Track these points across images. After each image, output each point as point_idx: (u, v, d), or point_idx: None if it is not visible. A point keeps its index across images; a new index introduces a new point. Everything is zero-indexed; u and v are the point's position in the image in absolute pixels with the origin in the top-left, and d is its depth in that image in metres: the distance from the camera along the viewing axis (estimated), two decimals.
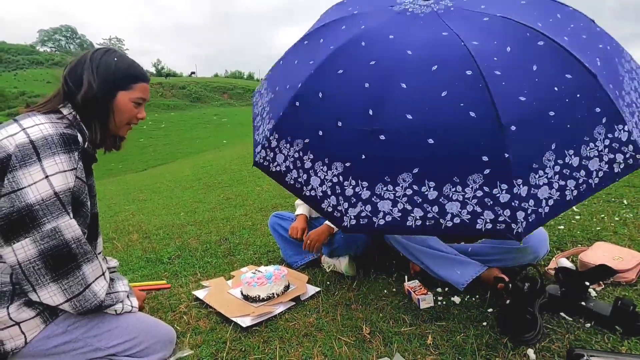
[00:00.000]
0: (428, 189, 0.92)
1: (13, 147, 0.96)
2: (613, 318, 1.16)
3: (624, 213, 2.11)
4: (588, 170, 0.93)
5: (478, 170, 0.90)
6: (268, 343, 1.32)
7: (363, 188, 0.98)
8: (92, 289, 1.04)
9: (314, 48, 1.21)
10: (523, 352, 1.12)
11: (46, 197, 0.95)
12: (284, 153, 1.15)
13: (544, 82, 0.95)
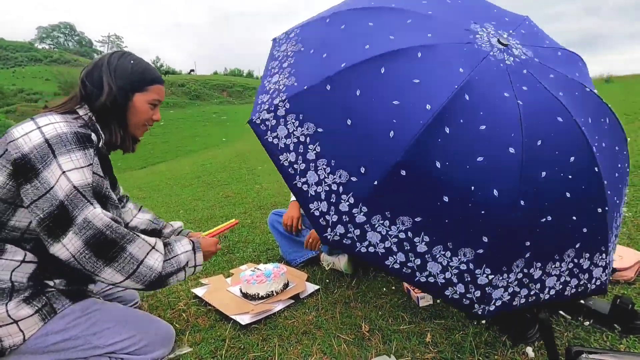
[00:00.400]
0: (420, 241, 0.90)
1: (28, 147, 0.97)
2: (612, 316, 1.16)
3: (622, 212, 2.11)
4: (543, 285, 0.95)
5: (472, 247, 0.89)
6: (267, 341, 1.32)
7: (360, 212, 0.91)
8: (146, 264, 1.04)
9: (372, 28, 1.02)
10: (522, 350, 1.12)
11: (69, 192, 0.97)
12: (288, 128, 1.01)
13: (562, 186, 0.92)
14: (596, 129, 0.99)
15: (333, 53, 1.02)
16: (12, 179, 0.99)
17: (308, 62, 1.06)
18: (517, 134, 0.88)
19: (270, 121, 1.03)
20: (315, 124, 0.98)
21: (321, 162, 0.96)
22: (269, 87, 1.09)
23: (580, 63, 1.17)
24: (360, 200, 0.91)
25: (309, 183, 0.97)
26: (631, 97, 7.16)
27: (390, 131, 0.89)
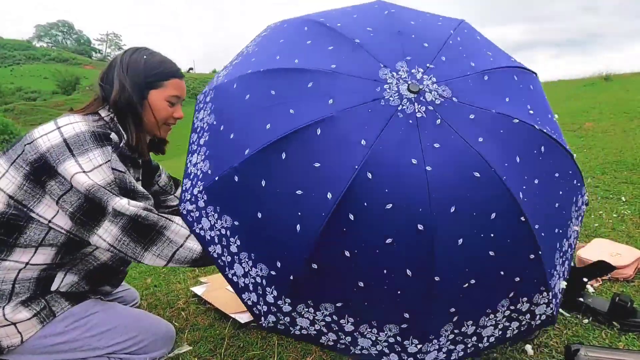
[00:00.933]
0: (346, 322, 0.90)
1: (46, 147, 0.97)
2: (611, 314, 1.17)
3: (621, 210, 2.11)
4: (480, 337, 0.93)
5: (397, 322, 0.89)
6: (266, 339, 1.32)
7: (285, 303, 0.91)
8: (186, 246, 1.01)
9: (273, 98, 0.95)
10: (521, 347, 1.12)
11: (89, 186, 0.95)
12: (210, 220, 0.97)
13: (484, 247, 0.86)
14: (525, 167, 0.91)
15: (238, 134, 0.96)
16: (29, 180, 0.97)
17: (218, 143, 1.00)
18: (425, 208, 0.82)
19: (194, 212, 1.00)
20: (232, 217, 0.94)
21: (243, 255, 0.94)
22: (190, 170, 1.05)
23: (517, 77, 1.03)
24: (282, 292, 0.90)
25: (237, 275, 0.96)
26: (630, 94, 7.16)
27: (297, 225, 0.85)
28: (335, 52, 0.97)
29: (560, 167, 0.98)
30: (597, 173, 2.84)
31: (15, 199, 0.97)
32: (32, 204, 0.98)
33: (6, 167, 0.99)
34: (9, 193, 0.97)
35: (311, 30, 1.05)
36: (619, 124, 4.63)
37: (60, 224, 0.99)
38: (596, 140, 4.04)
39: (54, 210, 0.98)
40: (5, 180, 0.98)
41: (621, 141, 3.76)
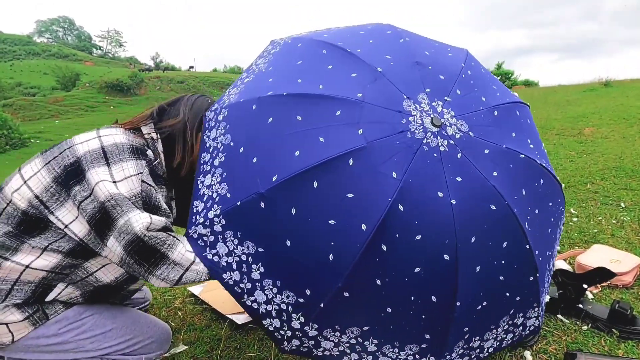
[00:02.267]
0: (370, 343, 0.94)
1: (83, 151, 0.99)
2: (610, 321, 1.16)
3: (621, 216, 2.11)
4: (482, 348, 1.01)
5: (418, 342, 0.94)
6: (263, 341, 1.31)
7: (312, 328, 0.93)
8: (193, 269, 0.97)
9: (300, 124, 0.93)
10: (520, 353, 1.11)
11: (114, 194, 0.94)
12: (228, 246, 0.94)
13: (496, 273, 0.94)
14: (530, 199, 0.98)
15: (263, 159, 0.93)
16: (57, 183, 0.97)
17: (238, 166, 0.97)
18: (451, 240, 0.87)
19: (208, 237, 0.96)
20: (255, 244, 0.92)
21: (267, 282, 0.92)
22: (203, 191, 1.01)
23: (518, 112, 1.09)
24: (310, 319, 0.91)
25: (259, 302, 0.93)
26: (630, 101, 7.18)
27: (330, 254, 0.86)
28: (359, 80, 0.97)
29: (553, 197, 1.07)
30: (597, 179, 2.84)
31: (40, 199, 0.96)
32: (54, 207, 0.97)
33: (40, 167, 1.00)
34: (36, 193, 0.97)
35: (330, 54, 1.04)
36: (618, 130, 4.64)
37: (75, 230, 0.97)
38: (596, 145, 4.04)
39: (73, 216, 0.97)
40: (35, 180, 0.98)
41: (621, 147, 3.76)
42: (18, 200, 0.97)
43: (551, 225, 1.07)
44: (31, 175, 0.99)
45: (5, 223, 0.97)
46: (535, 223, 0.98)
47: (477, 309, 0.93)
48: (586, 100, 8.42)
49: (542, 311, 1.06)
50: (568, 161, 3.55)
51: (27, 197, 0.97)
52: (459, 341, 0.96)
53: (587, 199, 2.47)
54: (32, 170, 1.00)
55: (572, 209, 2.30)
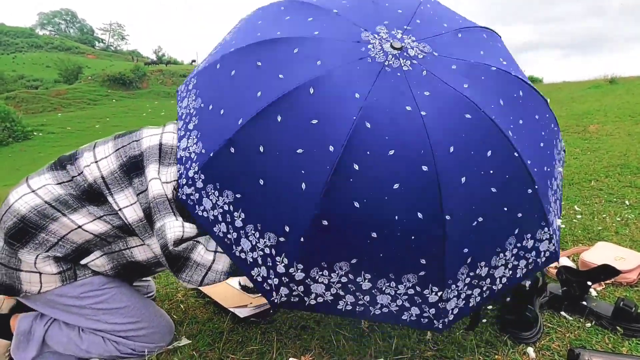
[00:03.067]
0: (363, 279, 0.90)
1: (145, 146, 1.09)
2: (615, 318, 1.15)
3: (625, 214, 2.10)
4: (493, 278, 0.96)
5: (414, 271, 0.89)
6: (265, 335, 1.31)
7: (298, 270, 0.90)
8: (214, 268, 1.04)
9: (260, 69, 0.96)
10: (523, 350, 1.11)
11: (157, 195, 1.03)
12: (211, 199, 0.97)
13: (486, 184, 0.90)
14: (510, 108, 0.96)
15: (228, 108, 0.96)
16: (122, 170, 1.08)
17: (209, 122, 1.01)
18: (426, 150, 0.85)
19: (193, 195, 0.99)
20: (233, 191, 0.93)
21: (249, 227, 0.93)
22: (181, 154, 1.04)
23: (486, 35, 1.10)
24: (293, 258, 0.89)
25: (245, 251, 0.94)
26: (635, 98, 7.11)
27: (302, 183, 0.86)
28: (316, 22, 1.01)
29: (539, 110, 1.04)
30: (601, 176, 2.82)
31: (105, 180, 1.08)
32: (114, 190, 1.08)
33: (111, 151, 1.11)
34: (103, 174, 1.09)
35: (288, 8, 1.09)
36: (623, 127, 4.60)
37: (127, 215, 1.07)
38: (600, 143, 4.01)
39: (129, 203, 1.07)
40: (105, 162, 1.10)
41: (626, 144, 3.73)
42: (88, 174, 1.09)
43: (544, 141, 1.02)
44: (102, 157, 1.11)
45: (73, 188, 1.09)
46: (521, 133, 0.95)
47: (472, 226, 0.89)
48: (591, 98, 8.35)
49: (556, 235, 1.00)
50: (572, 158, 3.53)
51: (95, 175, 1.09)
52: (461, 266, 0.91)
53: (592, 196, 2.45)
54: (104, 153, 1.12)
55: (576, 206, 2.29)
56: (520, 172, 0.92)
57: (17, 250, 1.04)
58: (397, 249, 0.88)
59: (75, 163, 1.11)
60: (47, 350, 1.16)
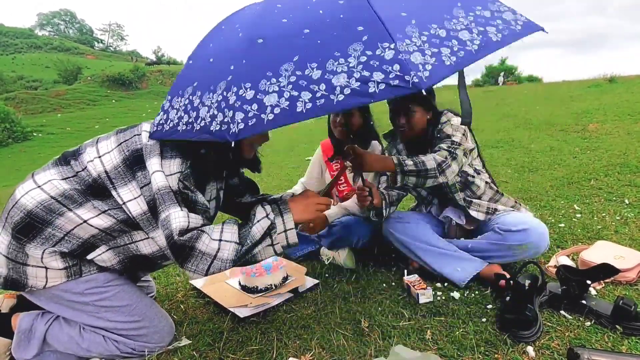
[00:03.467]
0: (311, 70, 0.88)
1: (145, 141, 1.11)
2: (614, 317, 1.15)
3: (625, 212, 2.10)
4: (460, 40, 0.92)
5: (356, 39, 0.89)
6: (265, 334, 1.31)
7: (247, 89, 0.90)
8: (219, 257, 1.02)
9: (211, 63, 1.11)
10: (522, 349, 1.11)
11: (162, 187, 1.04)
12: (175, 107, 1.07)
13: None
14: None
15: (192, 84, 1.08)
16: (125, 164, 1.10)
17: (189, 82, 1.11)
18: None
19: (162, 117, 1.10)
20: (191, 83, 1.06)
21: (205, 95, 0.99)
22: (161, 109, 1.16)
23: None
24: (240, 82, 0.94)
25: (203, 117, 0.97)
26: (635, 97, 7.10)
27: (239, 34, 1.03)
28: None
29: None
30: (601, 175, 2.82)
31: (109, 175, 1.09)
32: (118, 184, 1.09)
33: (113, 146, 1.13)
34: (106, 168, 1.10)
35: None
36: (623, 126, 4.59)
37: (131, 209, 1.09)
38: (600, 142, 4.01)
39: (133, 196, 1.09)
40: (108, 157, 1.12)
41: (625, 143, 3.73)
42: (92, 169, 1.11)
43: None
44: (105, 152, 1.12)
45: (77, 183, 1.10)
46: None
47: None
48: (590, 96, 8.34)
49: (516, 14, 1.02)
50: (572, 157, 3.53)
51: (98, 170, 1.10)
52: (406, 25, 0.90)
53: (591, 195, 2.45)
54: (107, 148, 1.13)
55: (576, 205, 2.29)
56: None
57: (25, 245, 1.06)
58: (332, 30, 0.92)
59: (78, 159, 1.13)
60: (47, 349, 1.17)
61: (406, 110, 1.60)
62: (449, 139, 1.51)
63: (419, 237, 1.65)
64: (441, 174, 1.44)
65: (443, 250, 1.59)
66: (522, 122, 5.95)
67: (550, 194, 2.59)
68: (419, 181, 1.45)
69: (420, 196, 1.89)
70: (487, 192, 1.66)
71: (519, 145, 4.44)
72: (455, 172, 1.47)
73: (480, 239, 1.58)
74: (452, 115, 1.63)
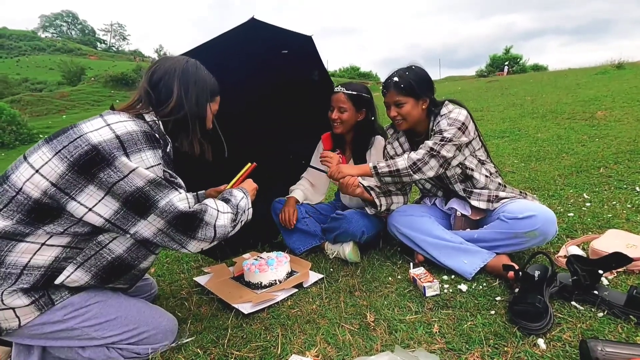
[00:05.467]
0: None
1: (97, 140, 0.99)
2: (628, 307, 1.12)
3: (636, 200, 2.04)
4: None
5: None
6: (270, 330, 1.29)
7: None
8: (218, 224, 1.13)
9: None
10: (533, 341, 1.08)
11: (150, 179, 1.01)
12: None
13: None
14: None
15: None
16: (72, 171, 0.97)
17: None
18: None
19: None
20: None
21: None
22: None
23: None
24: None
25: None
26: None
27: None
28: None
29: None
30: (610, 163, 2.76)
31: (58, 186, 0.98)
32: (74, 192, 0.98)
33: (50, 155, 0.99)
34: (51, 180, 0.98)
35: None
36: (632, 113, 4.50)
37: (101, 212, 1.00)
38: (609, 129, 3.93)
39: (96, 200, 0.99)
40: (48, 169, 0.98)
41: (635, 130, 3.65)
42: (31, 189, 0.98)
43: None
44: (42, 164, 0.99)
45: (15, 211, 0.98)
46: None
47: None
48: (598, 84, 8.19)
49: None
50: (580, 145, 3.46)
51: (42, 187, 0.97)
52: None
53: (601, 183, 2.40)
54: (42, 160, 0.99)
55: (585, 194, 2.24)
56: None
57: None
58: None
59: (7, 182, 0.99)
60: (48, 358, 1.13)
61: (395, 102, 1.58)
62: (440, 134, 1.52)
63: (423, 229, 1.62)
64: (416, 172, 1.52)
65: (449, 242, 1.56)
66: (528, 112, 5.85)
67: (558, 183, 2.53)
68: (395, 180, 1.57)
69: (425, 189, 1.86)
70: (488, 185, 1.63)
71: (525, 134, 4.36)
72: (434, 168, 1.52)
73: (487, 229, 1.55)
74: (452, 106, 1.60)
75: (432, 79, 1.64)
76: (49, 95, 25.53)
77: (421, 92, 1.58)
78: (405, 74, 1.59)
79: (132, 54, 69.73)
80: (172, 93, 1.15)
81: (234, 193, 1.28)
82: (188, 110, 1.17)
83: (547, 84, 10.19)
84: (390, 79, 1.60)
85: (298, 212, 1.93)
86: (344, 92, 1.79)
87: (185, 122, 1.18)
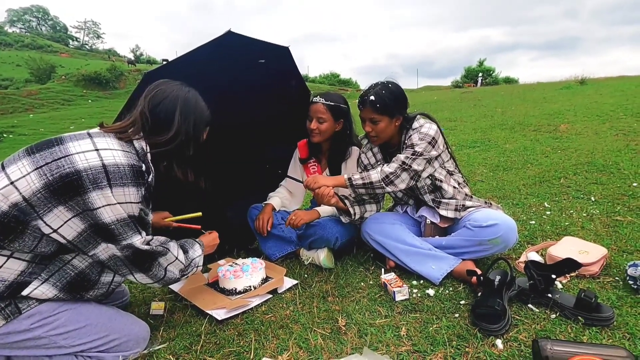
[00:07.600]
0: None
1: (83, 166, 0.99)
2: (576, 309, 1.22)
3: (591, 209, 2.20)
4: None
5: None
6: (243, 336, 1.31)
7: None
8: (169, 270, 1.20)
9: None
10: (492, 342, 1.16)
11: (120, 219, 1.03)
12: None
13: None
14: None
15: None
16: (47, 190, 0.95)
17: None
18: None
19: None
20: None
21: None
22: None
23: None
24: None
25: None
26: (603, 98, 7.44)
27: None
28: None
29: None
30: (570, 174, 2.94)
31: (30, 202, 0.95)
32: (42, 212, 0.96)
33: (29, 169, 0.97)
34: (24, 195, 0.95)
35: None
36: (591, 127, 4.80)
37: (65, 234, 1.00)
38: (570, 141, 4.18)
39: (62, 221, 0.98)
40: (24, 182, 0.96)
41: (593, 143, 3.91)
42: (0, 201, 0.95)
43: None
44: (19, 177, 0.96)
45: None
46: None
47: None
48: (562, 98, 8.68)
49: None
50: (544, 157, 3.66)
51: (13, 199, 0.95)
52: None
53: (560, 192, 2.56)
54: (21, 172, 0.97)
55: (546, 203, 2.38)
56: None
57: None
58: None
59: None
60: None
61: (371, 119, 1.65)
62: (412, 148, 1.59)
63: (395, 236, 1.68)
64: (389, 184, 1.59)
65: (418, 249, 1.64)
66: (498, 123, 6.13)
67: (522, 192, 2.68)
68: (369, 192, 1.64)
69: (397, 197, 1.94)
70: (456, 195, 1.71)
71: (494, 145, 4.57)
72: (405, 180, 1.60)
73: (454, 236, 1.63)
74: (424, 120, 1.68)
75: (406, 96, 1.70)
76: (15, 93, 24.31)
77: (396, 111, 1.64)
78: (382, 92, 1.62)
79: (106, 53, 67.58)
80: (172, 122, 1.17)
81: (195, 247, 1.33)
82: (185, 140, 1.19)
83: (516, 96, 10.69)
84: (367, 96, 1.63)
85: (274, 218, 1.96)
86: (323, 103, 1.83)
87: (180, 151, 1.21)
